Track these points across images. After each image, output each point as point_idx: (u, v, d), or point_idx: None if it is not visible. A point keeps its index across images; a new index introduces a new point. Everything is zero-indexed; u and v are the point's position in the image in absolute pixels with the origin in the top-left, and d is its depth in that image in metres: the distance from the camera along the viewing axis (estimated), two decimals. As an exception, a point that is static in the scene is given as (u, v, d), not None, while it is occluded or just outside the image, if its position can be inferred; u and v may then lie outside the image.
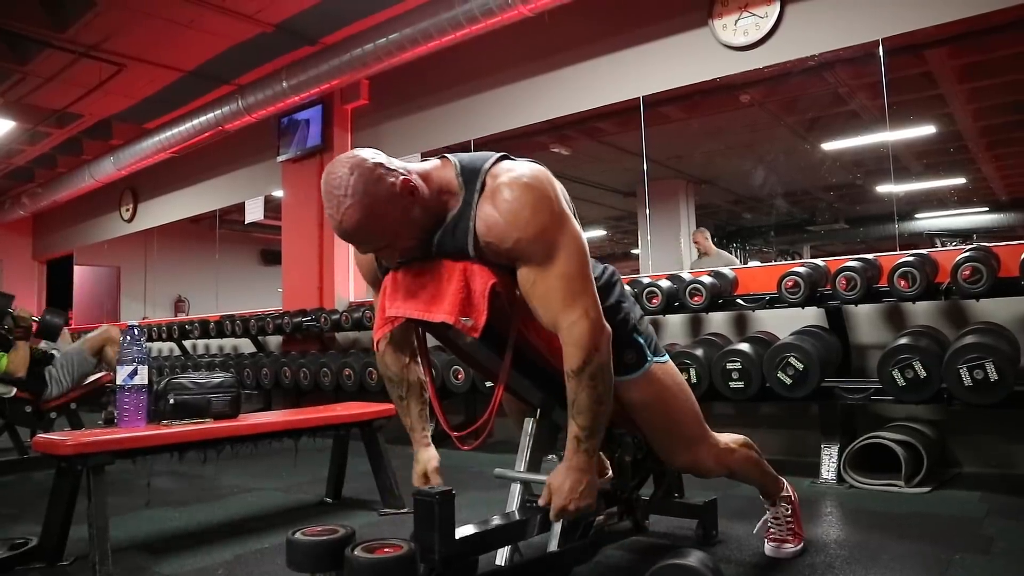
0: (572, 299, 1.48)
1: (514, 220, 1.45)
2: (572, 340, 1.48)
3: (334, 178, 1.41)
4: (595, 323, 1.49)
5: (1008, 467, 3.21)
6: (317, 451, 3.26)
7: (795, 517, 2.14)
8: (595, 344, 1.48)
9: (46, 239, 10.65)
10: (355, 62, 5.09)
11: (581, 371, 1.48)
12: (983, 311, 3.28)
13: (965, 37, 4.61)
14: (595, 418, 1.52)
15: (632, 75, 4.52)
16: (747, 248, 12.75)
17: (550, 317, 1.49)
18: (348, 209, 1.39)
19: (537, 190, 1.47)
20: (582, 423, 1.52)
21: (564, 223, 1.49)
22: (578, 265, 1.49)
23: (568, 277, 1.48)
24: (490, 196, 1.48)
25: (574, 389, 1.50)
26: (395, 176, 1.43)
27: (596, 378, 1.49)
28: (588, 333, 1.47)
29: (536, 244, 1.46)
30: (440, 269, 1.51)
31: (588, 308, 1.49)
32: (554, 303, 1.48)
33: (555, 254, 1.47)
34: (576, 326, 1.47)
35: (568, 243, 1.48)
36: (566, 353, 1.49)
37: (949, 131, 7.54)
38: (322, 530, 1.50)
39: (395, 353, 1.75)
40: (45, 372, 3.83)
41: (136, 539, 2.54)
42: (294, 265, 6.39)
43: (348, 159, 1.43)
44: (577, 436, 1.54)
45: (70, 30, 5.29)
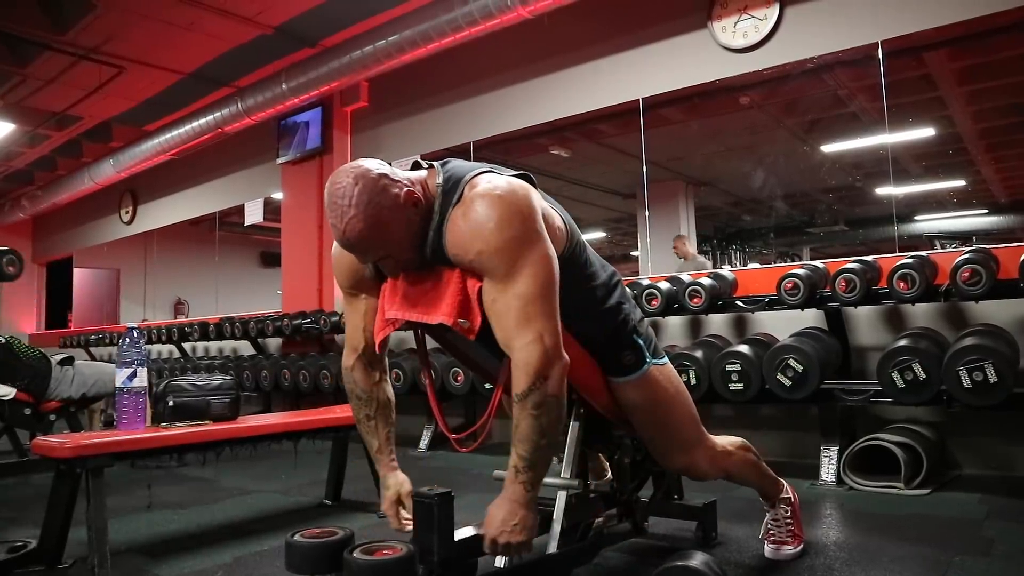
0: (527, 321, 1.40)
1: (477, 232, 1.41)
2: (520, 363, 1.40)
3: (338, 187, 1.40)
4: (549, 350, 1.41)
5: (1008, 469, 3.21)
6: (316, 453, 3.26)
7: (795, 519, 2.14)
8: (544, 372, 1.40)
9: (46, 241, 10.65)
10: (355, 64, 5.09)
11: (525, 397, 1.40)
12: (982, 313, 3.28)
13: (965, 39, 4.61)
14: (535, 450, 1.43)
15: (632, 77, 4.53)
16: (747, 250, 12.75)
17: (504, 336, 1.43)
18: (352, 219, 1.38)
19: (508, 205, 1.42)
20: (521, 452, 1.43)
21: (531, 242, 1.42)
22: (539, 288, 1.41)
23: (526, 298, 1.40)
24: (462, 207, 1.44)
25: (517, 415, 1.42)
26: (399, 187, 1.43)
27: (541, 408, 1.40)
28: (538, 359, 1.39)
29: (497, 259, 1.40)
30: (439, 272, 1.50)
31: (543, 333, 1.41)
32: (508, 323, 1.41)
33: (516, 273, 1.40)
34: (526, 349, 1.40)
35: (532, 263, 1.41)
36: (513, 376, 1.42)
37: (948, 133, 7.54)
38: (321, 532, 1.50)
39: (365, 369, 1.69)
40: (57, 373, 3.78)
41: (135, 541, 2.54)
42: (294, 267, 6.39)
43: (353, 169, 1.42)
44: (515, 466, 1.44)
45: (70, 32, 5.29)
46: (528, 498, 1.45)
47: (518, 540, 1.44)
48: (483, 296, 1.45)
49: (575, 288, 1.61)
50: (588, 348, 1.71)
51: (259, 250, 11.86)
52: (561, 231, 1.58)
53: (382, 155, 5.61)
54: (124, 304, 10.60)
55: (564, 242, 1.58)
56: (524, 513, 1.45)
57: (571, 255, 1.60)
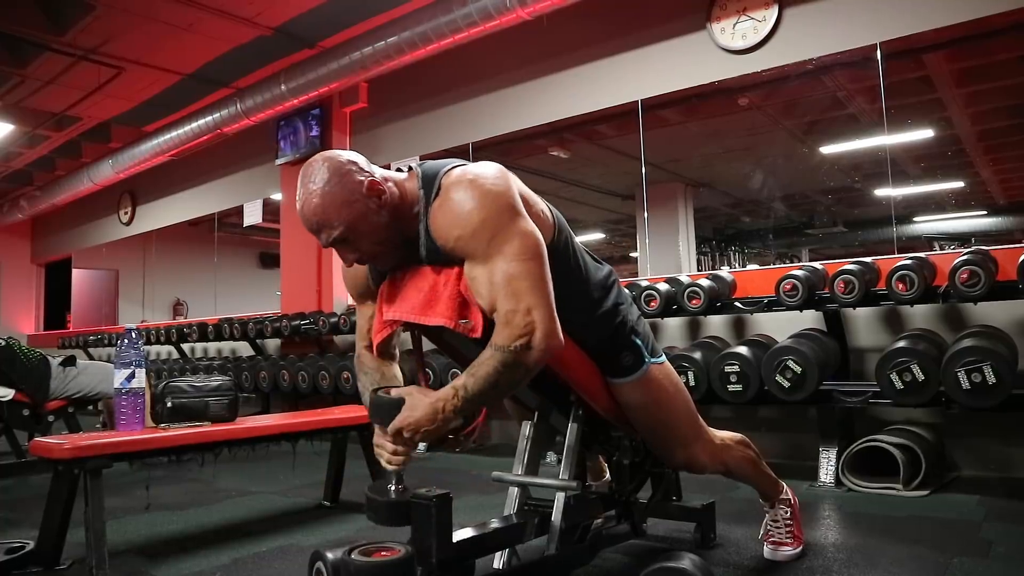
0: (515, 295, 1.38)
1: (455, 217, 1.43)
2: (505, 320, 1.38)
3: (307, 168, 1.47)
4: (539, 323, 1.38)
5: (1006, 470, 3.21)
6: (315, 454, 3.26)
7: (794, 520, 2.14)
8: (528, 340, 1.37)
9: (45, 242, 10.64)
10: (354, 65, 5.09)
11: (501, 349, 1.37)
12: (981, 314, 3.28)
13: (963, 41, 4.62)
14: (481, 394, 1.38)
15: (630, 78, 4.53)
16: (745, 251, 12.76)
17: (488, 303, 1.40)
18: (311, 195, 1.44)
19: (483, 186, 1.43)
20: (469, 383, 1.39)
21: (508, 219, 1.41)
22: (524, 263, 1.39)
23: (510, 275, 1.38)
24: (440, 198, 1.47)
25: (484, 358, 1.39)
26: (364, 175, 1.46)
27: (508, 368, 1.37)
28: (526, 325, 1.37)
29: (475, 241, 1.40)
30: (435, 274, 1.50)
31: (532, 307, 1.38)
32: (495, 294, 1.39)
33: (497, 250, 1.39)
34: (514, 313, 1.37)
35: (512, 239, 1.39)
36: (495, 330, 1.39)
37: (947, 135, 7.54)
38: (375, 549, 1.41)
39: (371, 355, 1.74)
40: (58, 374, 3.76)
41: (133, 543, 2.53)
42: (292, 268, 6.39)
43: (325, 154, 1.49)
44: (457, 388, 1.40)
45: (69, 33, 5.29)
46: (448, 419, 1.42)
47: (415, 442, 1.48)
48: (467, 279, 1.44)
49: (568, 286, 1.60)
50: (586, 350, 1.71)
51: (258, 251, 11.86)
52: (546, 217, 1.56)
53: (381, 156, 5.62)
54: (123, 305, 10.59)
55: (551, 230, 1.56)
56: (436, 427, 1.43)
57: (559, 247, 1.58)
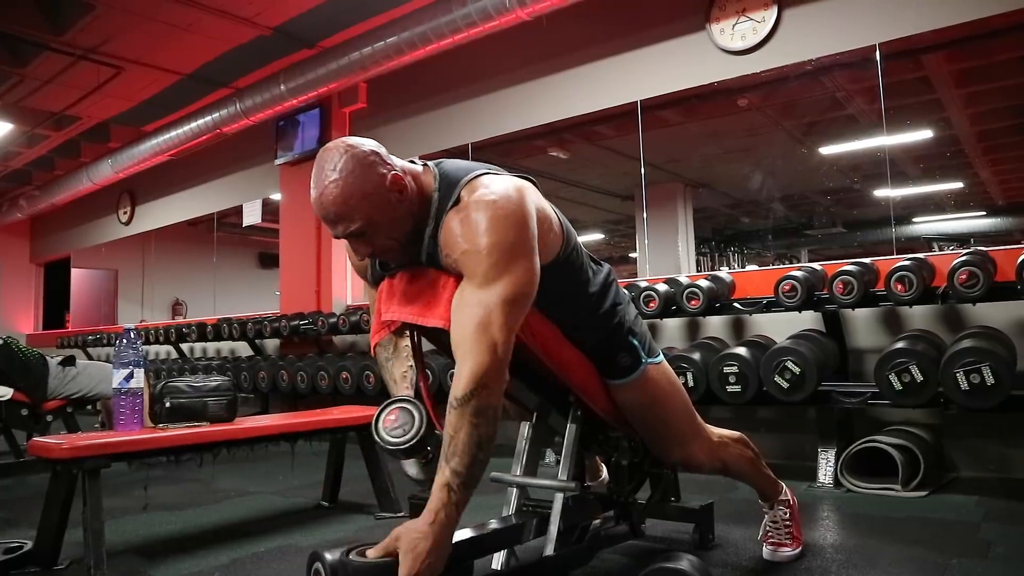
0: (485, 329, 1.34)
1: (467, 233, 1.39)
2: (467, 365, 1.34)
3: (327, 154, 1.41)
4: (499, 362, 1.35)
5: (1005, 471, 3.21)
6: (314, 455, 3.26)
7: (794, 521, 2.14)
8: (488, 381, 1.33)
9: (44, 242, 10.64)
10: (353, 66, 5.09)
11: (466, 402, 1.32)
12: (980, 315, 3.28)
13: (962, 42, 4.62)
14: (472, 464, 1.32)
15: (630, 79, 4.53)
16: (745, 252, 12.77)
17: (458, 336, 1.37)
18: (331, 184, 1.39)
19: (500, 210, 1.39)
20: (457, 467, 1.31)
21: (516, 254, 1.39)
22: (511, 301, 1.37)
23: (492, 307, 1.35)
24: (458, 210, 1.44)
25: (455, 424, 1.32)
26: (387, 168, 1.43)
27: (481, 416, 1.33)
28: (487, 366, 1.33)
29: (476, 262, 1.37)
30: (435, 274, 1.50)
31: (498, 344, 1.34)
32: (468, 324, 1.36)
33: (493, 280, 1.36)
34: (478, 355, 1.33)
35: (511, 275, 1.37)
36: (456, 379, 1.36)
37: (946, 135, 7.55)
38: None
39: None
40: (57, 374, 3.76)
41: (132, 543, 2.53)
42: (292, 268, 6.38)
43: (345, 141, 1.43)
44: (448, 484, 1.30)
45: (68, 33, 5.28)
46: (453, 521, 1.32)
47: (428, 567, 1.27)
48: (456, 292, 1.41)
49: (570, 291, 1.61)
50: (584, 351, 1.71)
51: (257, 251, 11.87)
52: (558, 234, 1.57)
53: (380, 156, 5.62)
54: (122, 305, 10.59)
55: (561, 245, 1.57)
56: (448, 542, 1.32)
57: (567, 258, 1.59)
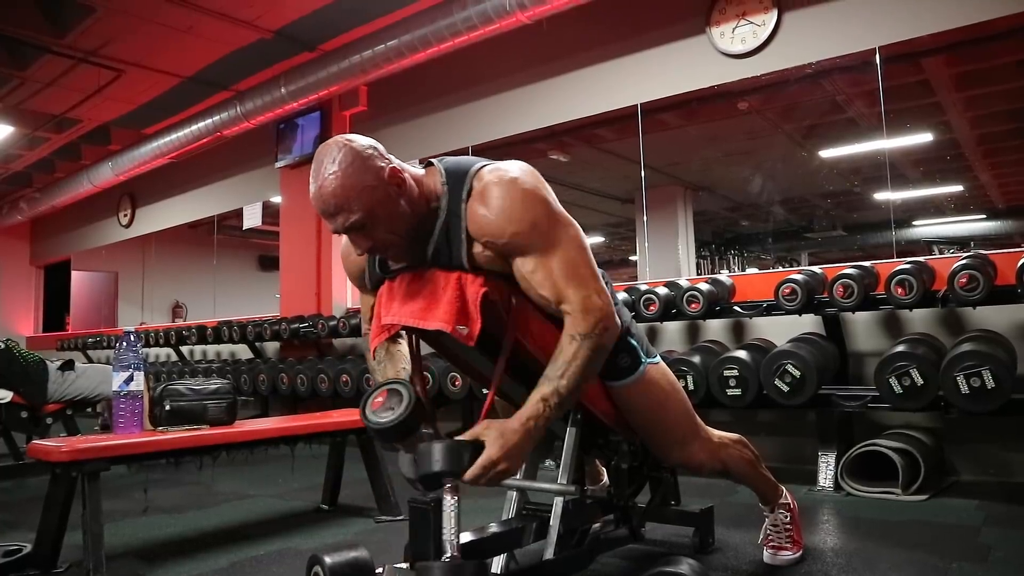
0: (581, 280, 1.46)
1: (507, 215, 1.45)
2: (584, 308, 1.44)
3: (325, 149, 1.44)
4: (607, 304, 1.47)
5: (1005, 475, 3.21)
6: (313, 458, 3.25)
7: (794, 524, 2.14)
8: (606, 321, 1.46)
9: (44, 244, 10.64)
10: (354, 68, 5.09)
11: (587, 336, 1.43)
12: (980, 319, 3.28)
13: (962, 45, 4.62)
14: (575, 390, 1.44)
15: (630, 82, 4.53)
16: (745, 255, 12.77)
17: (556, 294, 1.46)
18: (330, 176, 1.41)
19: (525, 185, 1.48)
20: (561, 388, 1.41)
21: (558, 215, 1.50)
22: (580, 252, 1.49)
23: (571, 262, 1.46)
24: (479, 197, 1.48)
25: (571, 352, 1.43)
26: (385, 162, 1.45)
27: (597, 351, 1.45)
28: (601, 308, 1.45)
29: (531, 235, 1.45)
30: (435, 277, 1.50)
31: (600, 291, 1.47)
32: (559, 283, 1.45)
33: (554, 243, 1.46)
34: (589, 299, 1.45)
35: (565, 232, 1.49)
36: (573, 319, 1.44)
37: (946, 139, 7.56)
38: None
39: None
40: (56, 378, 3.76)
41: (131, 546, 2.53)
42: (292, 271, 6.38)
43: (344, 136, 1.46)
44: (547, 399, 1.41)
45: (69, 35, 5.29)
46: (541, 434, 1.43)
47: (513, 471, 1.40)
48: (519, 272, 1.48)
49: None
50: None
51: (257, 254, 11.87)
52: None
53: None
54: (122, 307, 10.58)
55: None
56: (528, 449, 1.42)
57: None
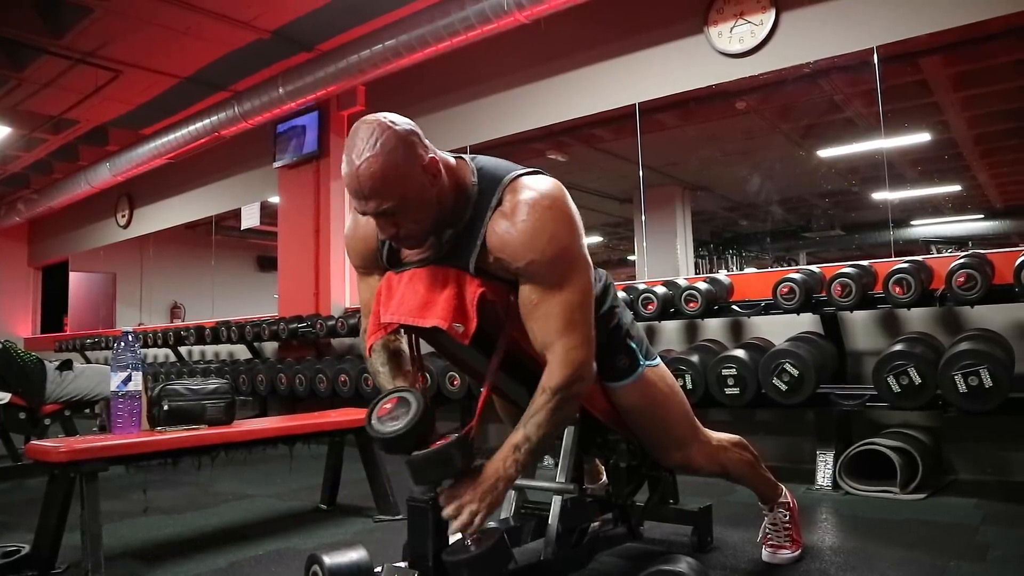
0: (572, 326, 1.48)
1: (531, 242, 1.44)
2: (563, 361, 1.47)
3: (365, 127, 1.40)
4: (588, 357, 1.50)
5: (1003, 474, 3.21)
6: (312, 458, 3.25)
7: (793, 523, 2.14)
8: (581, 375, 1.49)
9: (42, 245, 10.62)
10: (351, 68, 5.09)
11: (557, 391, 1.47)
12: (978, 318, 3.29)
13: (960, 45, 4.64)
14: (544, 440, 1.49)
15: (628, 82, 4.53)
16: (743, 254, 12.78)
17: (546, 338, 1.48)
18: (371, 158, 1.37)
19: (559, 215, 1.47)
20: (530, 435, 1.47)
21: (579, 254, 1.50)
22: (583, 297, 1.50)
23: (572, 306, 1.48)
24: (509, 212, 1.47)
25: (540, 404, 1.47)
26: (425, 150, 1.43)
27: (565, 404, 1.48)
28: (582, 361, 1.48)
29: (547, 269, 1.46)
30: (435, 275, 1.50)
31: (586, 340, 1.50)
32: (552, 325, 1.47)
33: (564, 283, 1.47)
34: (573, 351, 1.47)
35: (578, 275, 1.49)
36: (549, 371, 1.48)
37: (944, 139, 7.56)
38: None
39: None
40: (54, 378, 3.76)
41: (130, 546, 2.53)
42: (290, 271, 6.38)
43: (386, 116, 1.42)
44: (517, 444, 1.47)
45: (66, 36, 5.28)
46: (514, 477, 1.48)
47: (485, 515, 1.45)
48: (523, 298, 1.49)
49: None
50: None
51: (256, 254, 11.87)
52: None
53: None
54: (120, 308, 10.57)
55: None
56: (503, 491, 1.47)
57: None
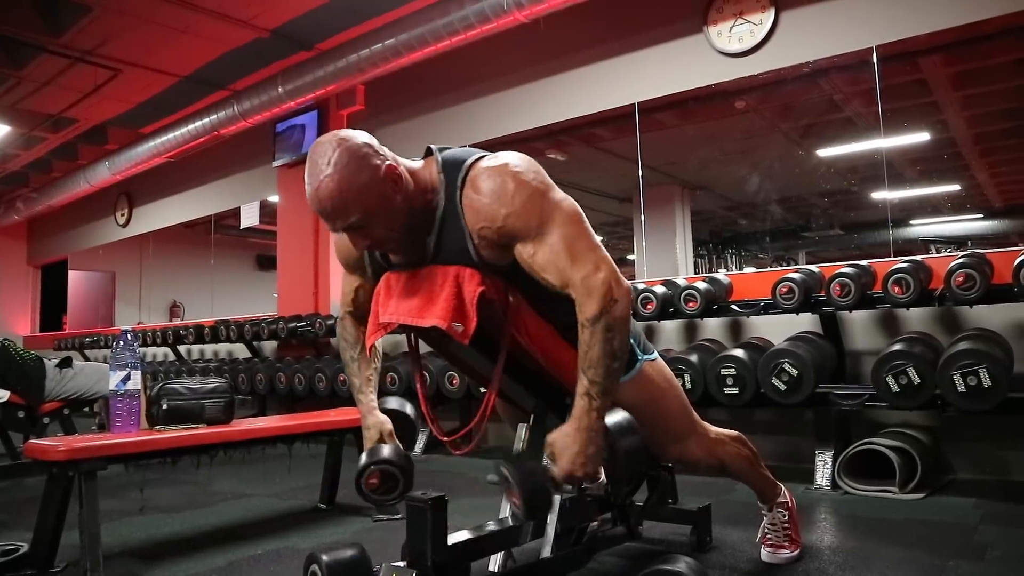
0: (579, 257, 1.43)
1: (499, 197, 1.43)
2: (586, 290, 1.41)
3: (320, 148, 1.41)
4: (610, 275, 1.42)
5: (1002, 473, 3.22)
6: (311, 457, 3.25)
7: (792, 523, 2.14)
8: (612, 295, 1.41)
9: (41, 244, 10.62)
10: (351, 68, 5.09)
11: (596, 321, 1.40)
12: (977, 317, 3.29)
13: (959, 44, 4.63)
14: (608, 374, 1.42)
15: (627, 81, 4.53)
16: (742, 254, 12.79)
17: (561, 278, 1.43)
18: (326, 179, 1.38)
19: (517, 168, 1.46)
20: (593, 377, 1.42)
21: (549, 191, 1.47)
22: (576, 226, 1.45)
23: (569, 238, 1.44)
24: (471, 184, 1.47)
25: (587, 341, 1.41)
26: (381, 159, 1.43)
27: (613, 330, 1.41)
28: (603, 283, 1.41)
29: (525, 216, 1.43)
30: (433, 274, 1.50)
31: (599, 263, 1.43)
32: (562, 263, 1.43)
33: (549, 221, 1.44)
34: (590, 277, 1.41)
35: (559, 208, 1.46)
36: (580, 304, 1.42)
37: (943, 138, 7.56)
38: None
39: (355, 322, 1.77)
40: (54, 375, 3.76)
41: (128, 545, 2.53)
42: (289, 270, 6.38)
43: (338, 134, 1.43)
44: (588, 393, 1.42)
45: (65, 35, 5.28)
46: (600, 425, 1.45)
47: (594, 470, 1.44)
48: (520, 256, 1.46)
49: None
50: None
51: (255, 253, 11.86)
52: None
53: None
54: (119, 307, 10.58)
55: None
56: (598, 444, 1.44)
57: None
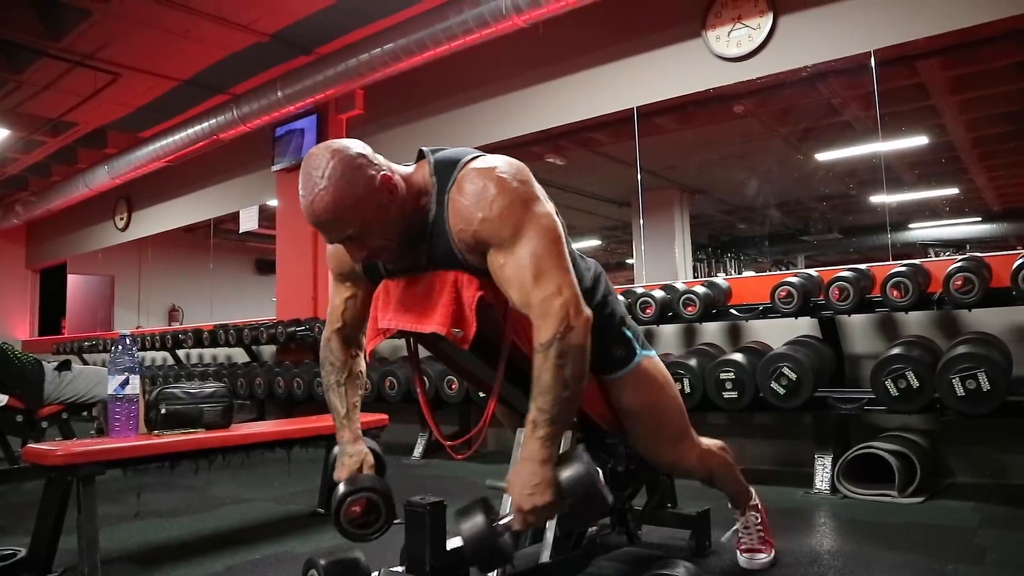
0: (542, 276, 1.39)
1: (478, 201, 1.41)
2: (543, 312, 1.37)
3: (313, 160, 1.40)
4: (570, 300, 1.39)
5: (1001, 477, 3.22)
6: (309, 461, 3.25)
7: (764, 525, 2.14)
8: (567, 321, 1.37)
9: (40, 248, 10.62)
10: (350, 72, 5.10)
11: (548, 347, 1.36)
12: (975, 321, 3.29)
13: (957, 48, 4.64)
14: (556, 402, 1.37)
15: (626, 86, 4.54)
16: (741, 258, 12.79)
17: (520, 296, 1.40)
18: (322, 191, 1.37)
19: (502, 174, 1.43)
20: (542, 405, 1.37)
21: (530, 203, 1.44)
22: (548, 244, 1.41)
23: (538, 256, 1.40)
24: (457, 185, 1.46)
25: (539, 366, 1.37)
26: (376, 169, 1.42)
27: (564, 357, 1.36)
28: (560, 309, 1.37)
29: (500, 224, 1.40)
30: (432, 280, 1.49)
31: (561, 285, 1.39)
32: (525, 281, 1.39)
33: (521, 234, 1.40)
34: (550, 300, 1.37)
35: (536, 221, 1.42)
36: (535, 327, 1.39)
37: (941, 142, 7.57)
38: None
39: (342, 343, 1.73)
40: (53, 379, 3.75)
41: (126, 550, 2.52)
42: (288, 275, 6.38)
43: (331, 144, 1.42)
44: (533, 420, 1.37)
45: (65, 39, 5.29)
46: (547, 455, 1.37)
47: (543, 503, 1.36)
48: (491, 265, 1.43)
49: None
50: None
51: (254, 257, 11.86)
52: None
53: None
54: (118, 311, 10.57)
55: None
56: (544, 472, 1.36)
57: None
